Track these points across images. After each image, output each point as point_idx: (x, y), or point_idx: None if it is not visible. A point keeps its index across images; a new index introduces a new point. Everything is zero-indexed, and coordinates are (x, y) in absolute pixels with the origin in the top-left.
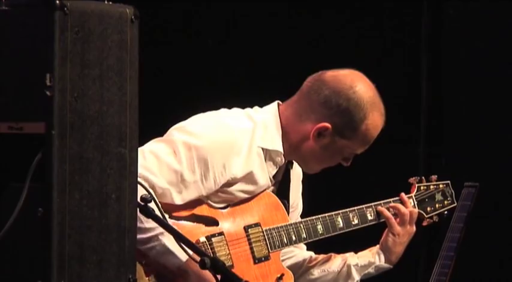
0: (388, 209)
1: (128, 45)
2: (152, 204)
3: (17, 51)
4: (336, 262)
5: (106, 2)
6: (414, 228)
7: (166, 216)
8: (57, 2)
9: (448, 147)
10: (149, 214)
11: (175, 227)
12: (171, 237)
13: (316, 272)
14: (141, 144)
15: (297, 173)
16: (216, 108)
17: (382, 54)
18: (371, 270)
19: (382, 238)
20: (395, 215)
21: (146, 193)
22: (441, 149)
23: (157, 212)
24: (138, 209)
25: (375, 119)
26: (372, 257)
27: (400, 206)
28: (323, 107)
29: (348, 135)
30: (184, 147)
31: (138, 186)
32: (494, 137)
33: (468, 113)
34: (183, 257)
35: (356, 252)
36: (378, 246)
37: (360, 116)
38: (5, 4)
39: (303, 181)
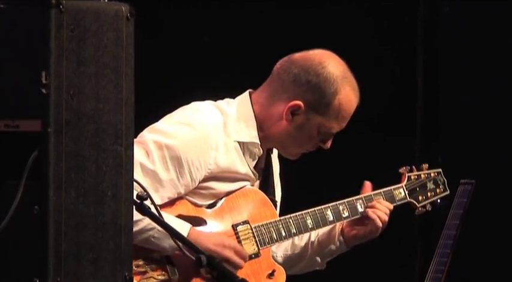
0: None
1: (124, 43)
2: (148, 202)
3: (12, 49)
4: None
5: (101, 0)
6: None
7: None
8: (53, 0)
9: (444, 145)
10: (145, 211)
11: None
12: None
13: (279, 255)
14: None
15: (275, 156)
16: None
17: (378, 52)
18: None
19: (352, 232)
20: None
21: (141, 191)
22: (437, 147)
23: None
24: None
25: (348, 94)
26: (334, 248)
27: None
28: (293, 85)
29: (322, 111)
30: (155, 146)
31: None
32: (491, 134)
33: (464, 110)
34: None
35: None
36: (340, 234)
37: (331, 91)
38: (0, 2)
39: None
